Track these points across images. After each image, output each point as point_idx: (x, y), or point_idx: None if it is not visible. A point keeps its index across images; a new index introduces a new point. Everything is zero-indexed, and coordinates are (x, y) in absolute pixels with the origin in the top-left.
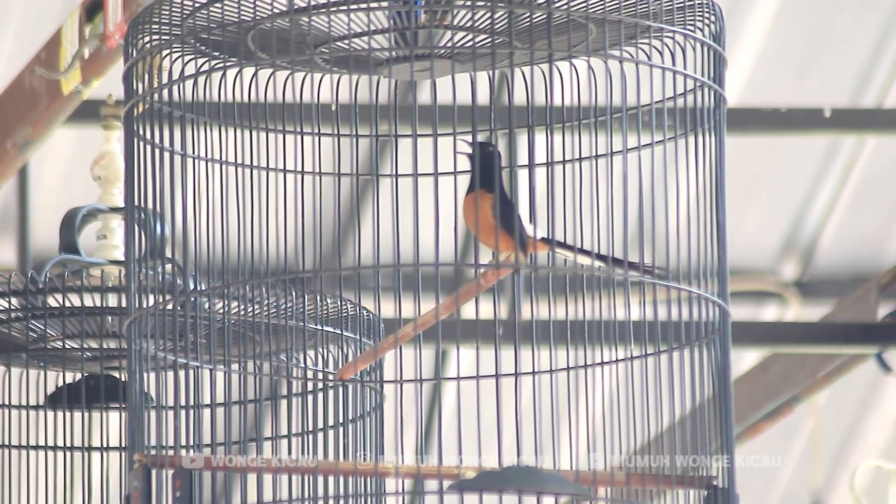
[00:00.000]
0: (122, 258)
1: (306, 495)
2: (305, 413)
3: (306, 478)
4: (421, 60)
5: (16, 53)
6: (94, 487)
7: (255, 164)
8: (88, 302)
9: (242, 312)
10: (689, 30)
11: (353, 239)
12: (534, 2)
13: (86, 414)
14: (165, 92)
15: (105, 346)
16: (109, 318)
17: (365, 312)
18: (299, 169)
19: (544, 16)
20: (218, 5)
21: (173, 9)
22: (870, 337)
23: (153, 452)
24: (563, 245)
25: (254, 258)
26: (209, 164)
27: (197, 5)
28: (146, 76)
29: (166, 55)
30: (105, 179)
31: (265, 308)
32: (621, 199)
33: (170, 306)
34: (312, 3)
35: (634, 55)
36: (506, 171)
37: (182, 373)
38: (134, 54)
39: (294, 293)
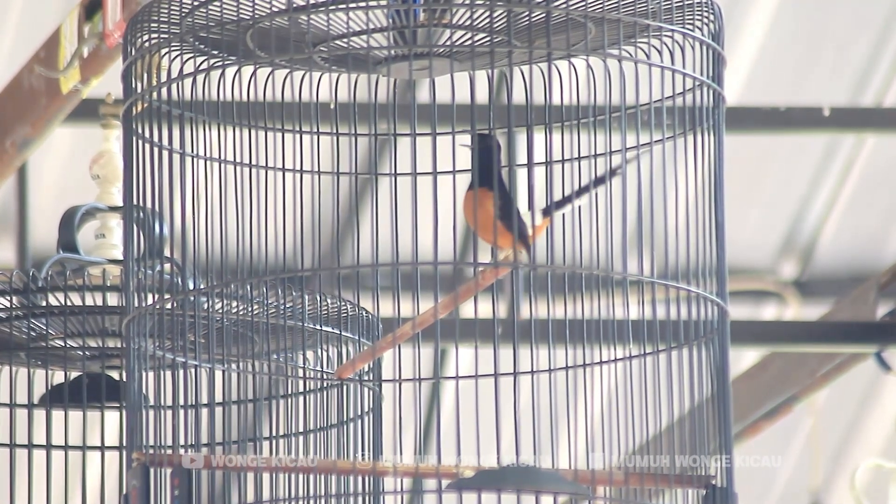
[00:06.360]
0: (121, 257)
1: (305, 494)
2: (305, 412)
3: (305, 477)
4: (420, 59)
5: (15, 52)
6: (93, 487)
7: (253, 163)
8: (89, 301)
9: (241, 311)
10: (688, 29)
11: (352, 238)
12: (532, 1)
13: (73, 413)
14: (164, 90)
15: (105, 345)
16: (109, 317)
17: (363, 312)
18: (298, 168)
19: (543, 15)
20: (217, 4)
21: (172, 7)
22: (869, 336)
23: (151, 451)
24: (560, 204)
25: (252, 257)
26: (208, 162)
27: (196, 4)
28: (145, 75)
29: (165, 54)
30: (104, 178)
31: (264, 307)
32: (620, 199)
33: (168, 305)
34: (311, 1)
35: (633, 54)
36: (505, 171)
37: (180, 372)
38: (133, 53)
39: (293, 292)
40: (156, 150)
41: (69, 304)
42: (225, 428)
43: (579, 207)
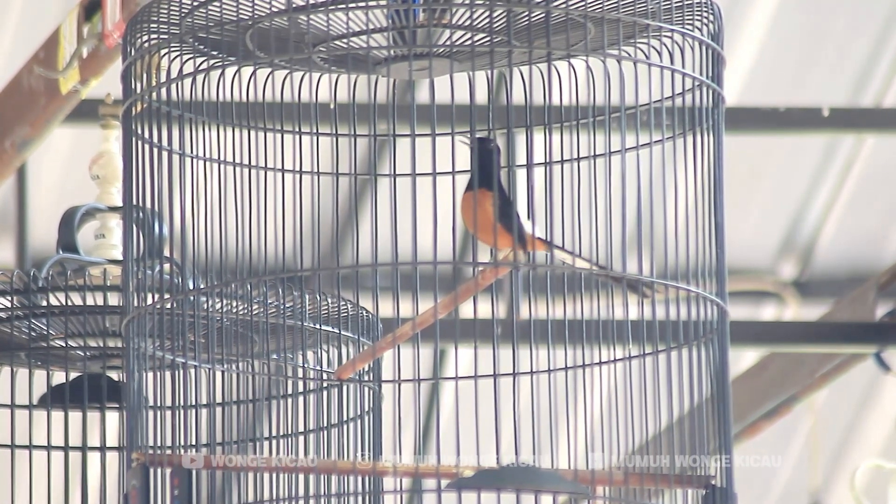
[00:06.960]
0: (121, 257)
1: (305, 494)
2: (305, 412)
3: (305, 477)
4: (419, 59)
5: (14, 53)
6: (93, 487)
7: (253, 163)
8: (89, 301)
9: (241, 311)
10: (688, 29)
11: (352, 238)
12: (532, 1)
13: (72, 414)
14: (164, 91)
15: (105, 345)
16: (109, 317)
17: (363, 312)
18: (297, 168)
19: (543, 15)
20: (216, 4)
21: (172, 8)
22: (868, 336)
23: (151, 451)
24: (561, 248)
25: (252, 257)
26: (207, 163)
27: (195, 4)
28: (144, 75)
29: (164, 54)
30: (103, 178)
31: (264, 307)
32: (620, 199)
33: (168, 305)
34: (311, 1)
35: (633, 54)
36: (504, 171)
37: (180, 372)
38: (132, 53)
39: (292, 292)
40: (155, 150)
41: (70, 304)
42: (225, 428)
43: (579, 207)
